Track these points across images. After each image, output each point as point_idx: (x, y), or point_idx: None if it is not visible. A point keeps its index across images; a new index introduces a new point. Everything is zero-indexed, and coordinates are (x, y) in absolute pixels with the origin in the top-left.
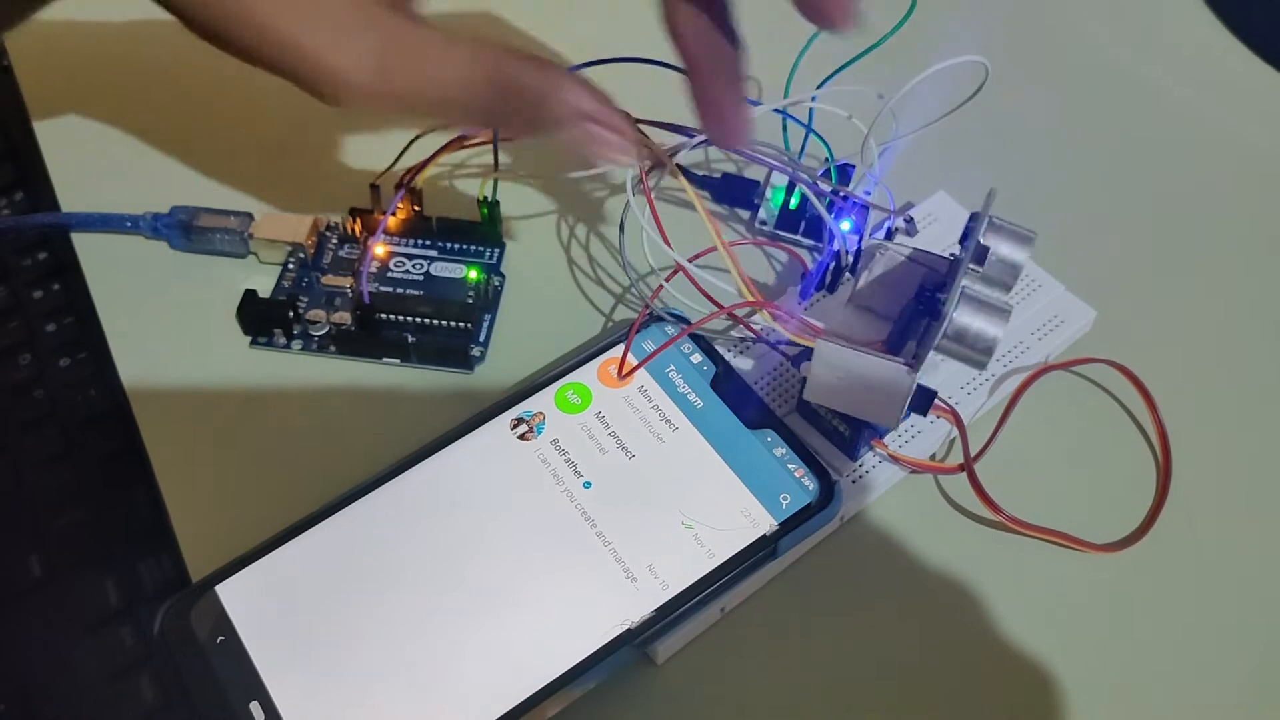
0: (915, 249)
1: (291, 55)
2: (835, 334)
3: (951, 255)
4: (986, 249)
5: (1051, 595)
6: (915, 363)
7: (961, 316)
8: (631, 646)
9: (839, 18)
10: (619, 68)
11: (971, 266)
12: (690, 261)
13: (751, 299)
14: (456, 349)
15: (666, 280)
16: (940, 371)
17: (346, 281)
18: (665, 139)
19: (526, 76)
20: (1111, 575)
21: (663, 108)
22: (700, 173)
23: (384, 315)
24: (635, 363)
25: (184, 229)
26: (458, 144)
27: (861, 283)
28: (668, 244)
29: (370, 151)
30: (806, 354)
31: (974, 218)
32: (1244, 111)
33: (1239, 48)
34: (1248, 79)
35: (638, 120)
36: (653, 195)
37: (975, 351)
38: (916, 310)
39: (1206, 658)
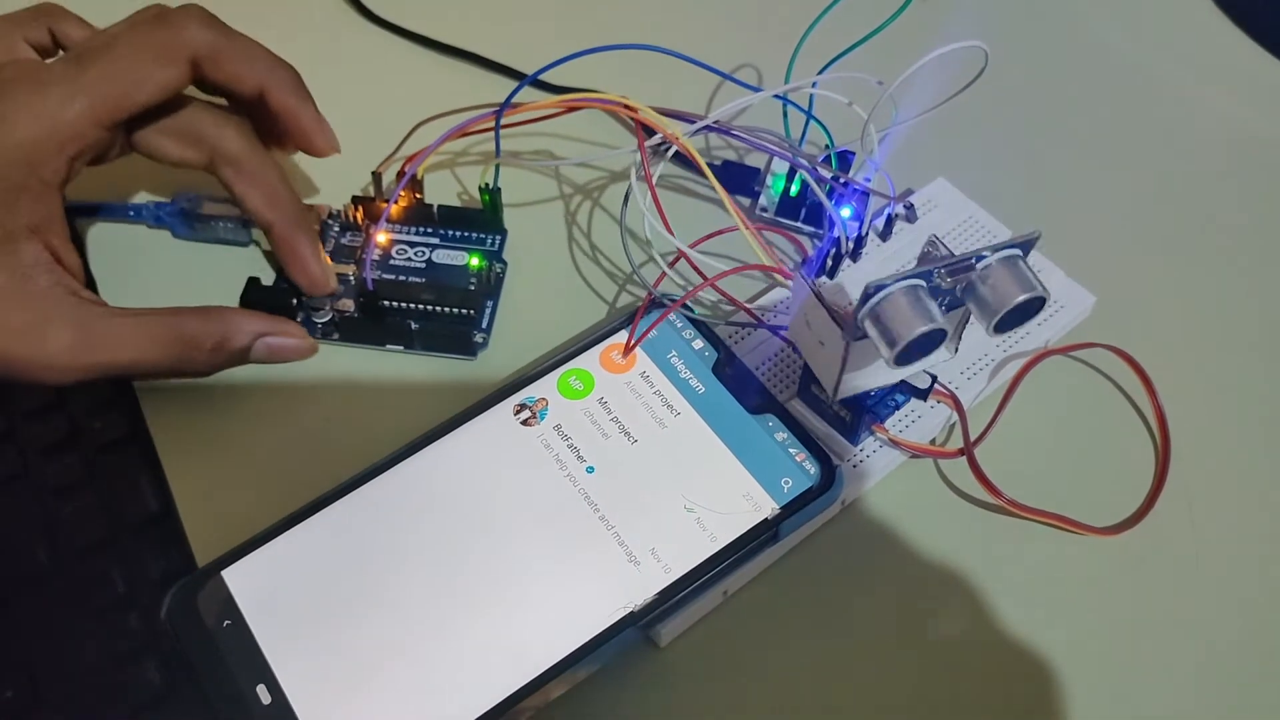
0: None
1: (4, 363)
2: (807, 278)
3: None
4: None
5: (1050, 578)
6: (856, 333)
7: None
8: (635, 629)
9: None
10: (624, 56)
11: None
12: (692, 247)
13: (769, 263)
14: (459, 335)
15: (670, 266)
16: (942, 355)
17: (349, 269)
18: (668, 127)
19: (196, 328)
20: (1110, 558)
21: (667, 96)
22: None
23: (387, 302)
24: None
25: (187, 218)
26: (459, 132)
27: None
28: (669, 230)
29: (372, 140)
30: None
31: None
32: (1243, 98)
33: (1238, 34)
34: (1247, 65)
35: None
36: (654, 182)
37: (884, 343)
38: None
39: (1203, 640)
